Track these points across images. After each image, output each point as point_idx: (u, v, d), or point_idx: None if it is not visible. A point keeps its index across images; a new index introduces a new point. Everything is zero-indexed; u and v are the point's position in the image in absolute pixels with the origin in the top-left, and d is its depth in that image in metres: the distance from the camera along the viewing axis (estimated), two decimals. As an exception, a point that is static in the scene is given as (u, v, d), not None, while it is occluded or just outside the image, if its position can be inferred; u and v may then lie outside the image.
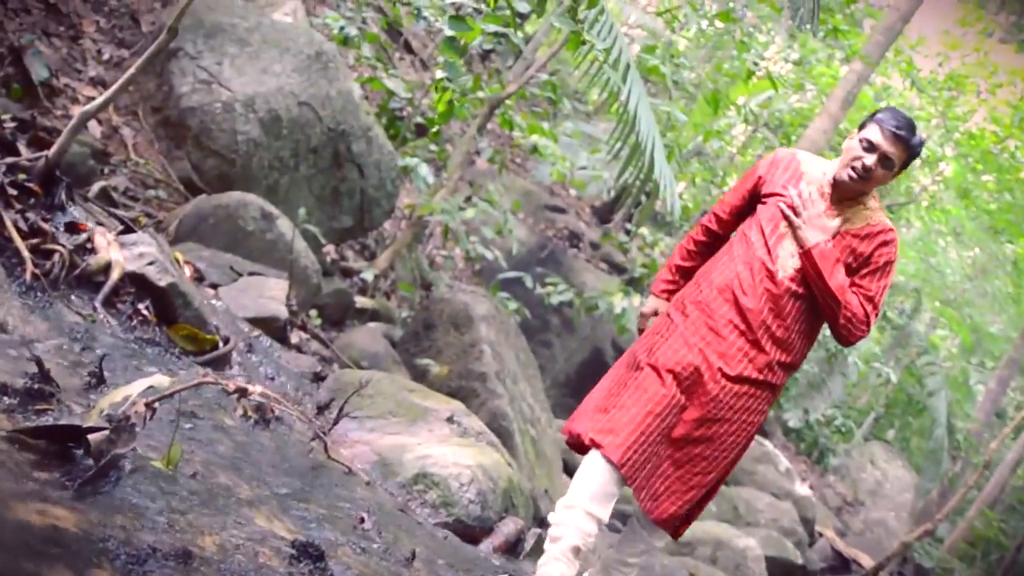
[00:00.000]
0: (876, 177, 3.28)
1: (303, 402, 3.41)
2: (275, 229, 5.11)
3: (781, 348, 3.32)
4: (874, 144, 3.26)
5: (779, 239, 3.36)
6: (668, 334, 3.33)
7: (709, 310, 3.32)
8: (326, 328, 5.83)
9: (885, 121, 3.28)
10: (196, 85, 5.44)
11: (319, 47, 5.90)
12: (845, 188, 3.33)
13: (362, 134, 6.01)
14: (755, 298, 3.30)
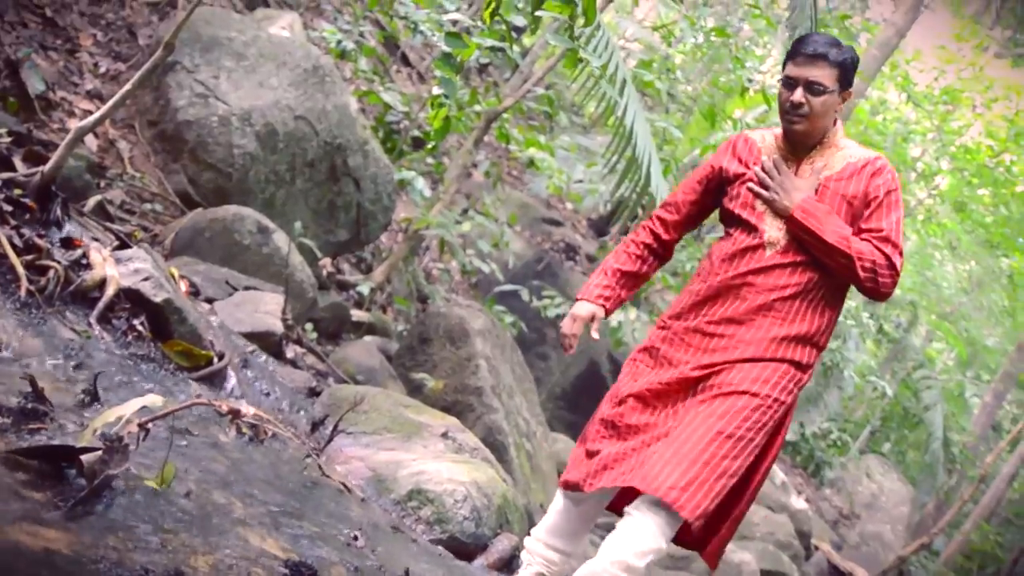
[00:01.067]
0: (814, 109, 3.02)
1: (298, 418, 3.41)
2: (271, 243, 5.11)
3: (789, 322, 3.02)
4: (792, 78, 3.02)
5: (759, 217, 3.09)
6: (654, 363, 3.11)
7: (695, 314, 3.08)
8: (322, 342, 5.83)
9: (794, 50, 3.07)
10: (193, 99, 5.44)
11: (316, 61, 5.90)
12: (794, 137, 3.09)
13: (358, 148, 6.02)
14: (749, 284, 3.03)
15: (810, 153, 3.13)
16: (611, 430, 3.07)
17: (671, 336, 3.12)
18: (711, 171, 3.28)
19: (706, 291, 3.12)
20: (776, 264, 3.04)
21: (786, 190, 3.05)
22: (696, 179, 3.33)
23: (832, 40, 3.08)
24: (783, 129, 3.14)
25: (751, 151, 3.20)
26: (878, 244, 2.99)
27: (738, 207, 3.12)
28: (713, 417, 2.91)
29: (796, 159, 3.14)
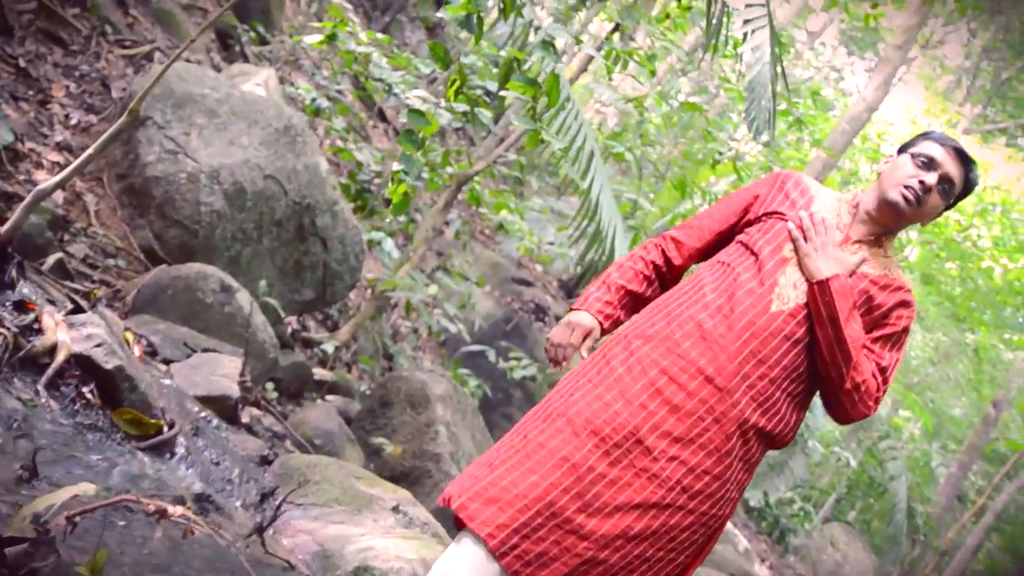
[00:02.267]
0: (929, 206, 2.70)
1: (248, 488, 3.37)
2: (234, 302, 5.09)
3: (762, 409, 2.58)
4: (935, 161, 2.68)
5: (779, 264, 2.70)
6: (599, 378, 2.62)
7: (665, 348, 2.61)
8: (283, 401, 5.79)
9: (943, 139, 2.73)
10: (162, 154, 5.44)
11: (288, 121, 5.93)
12: (889, 216, 2.73)
13: (327, 208, 6.03)
14: (734, 334, 2.58)
15: (863, 242, 2.80)
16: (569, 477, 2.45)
17: (647, 335, 2.69)
18: (752, 201, 2.92)
19: (686, 312, 2.69)
20: (780, 329, 2.62)
21: (828, 256, 2.68)
22: (734, 208, 2.96)
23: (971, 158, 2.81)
24: (888, 198, 2.73)
25: (802, 195, 2.86)
26: (875, 371, 2.70)
27: (761, 241, 2.75)
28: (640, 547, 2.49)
29: (847, 235, 2.80)
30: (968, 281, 15.42)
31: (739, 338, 2.60)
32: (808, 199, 2.83)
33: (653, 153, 11.95)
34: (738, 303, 2.65)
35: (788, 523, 16.43)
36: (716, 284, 2.73)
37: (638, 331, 2.72)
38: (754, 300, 2.64)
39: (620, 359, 2.66)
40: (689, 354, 2.60)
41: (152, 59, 6.84)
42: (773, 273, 2.69)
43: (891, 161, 2.85)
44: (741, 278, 2.70)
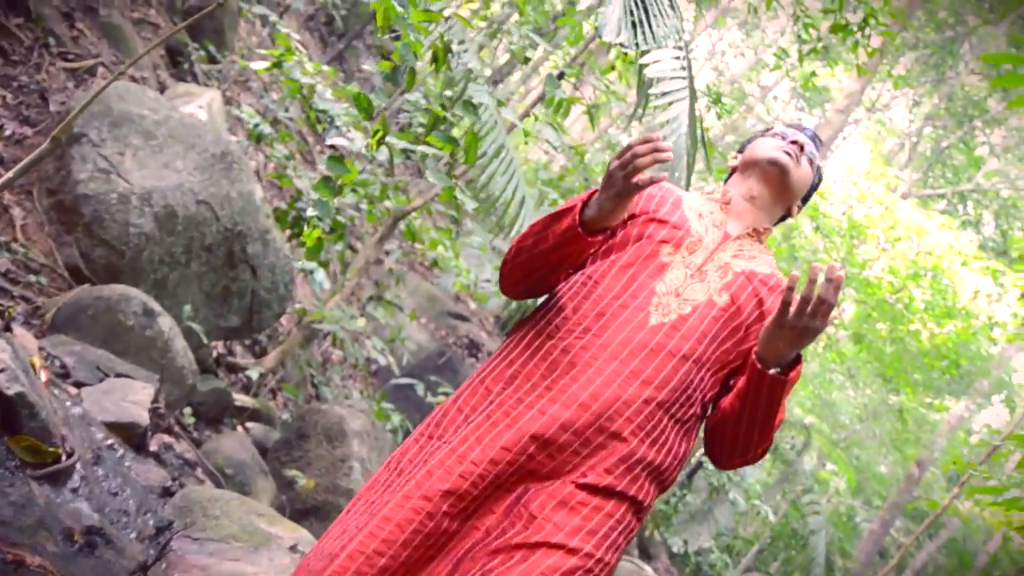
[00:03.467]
0: (804, 171, 2.58)
1: (145, 520, 3.37)
2: (155, 326, 5.08)
3: (649, 440, 2.28)
4: (790, 133, 2.62)
5: (656, 271, 2.41)
6: (454, 433, 2.34)
7: (530, 386, 2.31)
8: (200, 427, 5.77)
9: (778, 125, 2.70)
10: (95, 173, 5.43)
11: (225, 147, 5.94)
12: (775, 178, 2.55)
13: (259, 236, 6.04)
14: (609, 354, 2.29)
15: (743, 237, 2.56)
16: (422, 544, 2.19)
17: (510, 376, 2.39)
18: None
19: (552, 333, 2.39)
20: (663, 345, 2.32)
21: (811, 333, 2.23)
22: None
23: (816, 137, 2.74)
24: (772, 157, 2.56)
25: (668, 194, 2.59)
26: None
27: (632, 248, 2.45)
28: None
29: (726, 232, 2.55)
30: (898, 342, 15.72)
31: (615, 357, 2.29)
32: (675, 198, 2.58)
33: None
34: (610, 319, 2.34)
35: (711, 572, 16.53)
36: (578, 302, 2.40)
37: (496, 373, 2.42)
38: (629, 314, 2.34)
39: (479, 410, 2.35)
40: (557, 384, 2.29)
41: (95, 74, 6.82)
42: (649, 282, 2.39)
43: (746, 150, 2.71)
44: (611, 292, 2.39)
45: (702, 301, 2.42)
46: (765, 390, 2.31)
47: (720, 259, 2.51)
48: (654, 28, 3.36)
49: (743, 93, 24.85)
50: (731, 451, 2.46)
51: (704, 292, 2.44)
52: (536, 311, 2.52)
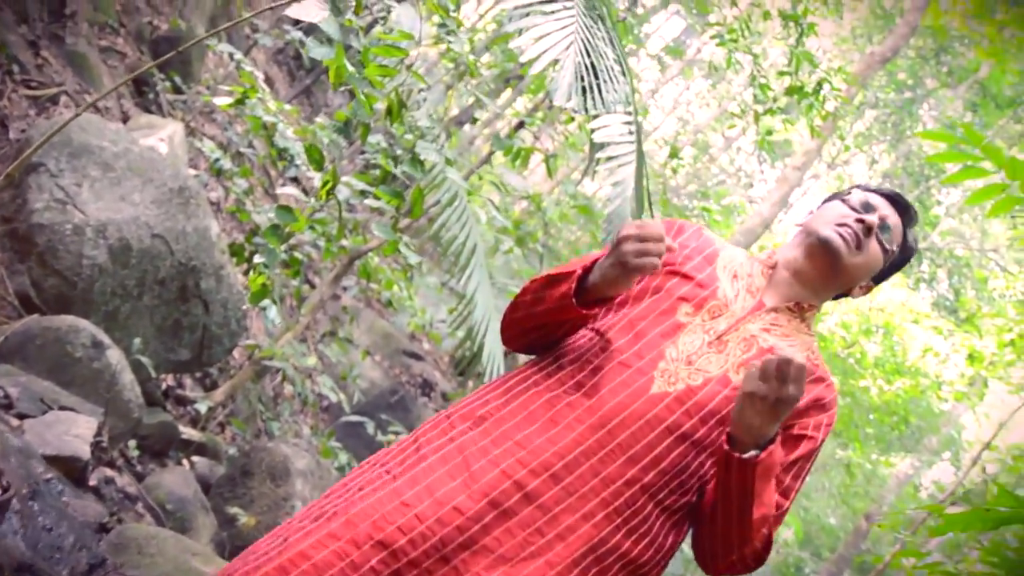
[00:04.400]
0: (869, 255, 2.23)
1: (79, 557, 3.39)
2: (104, 358, 5.09)
3: (628, 527, 1.97)
4: (871, 205, 2.27)
5: (670, 331, 2.11)
6: (402, 469, 2.03)
7: (499, 434, 2.02)
8: (144, 460, 5.77)
9: (878, 188, 2.33)
10: (51, 203, 5.45)
11: (183, 182, 5.99)
12: (821, 260, 2.21)
13: (213, 272, 6.08)
14: (597, 419, 2.00)
15: (781, 310, 2.24)
16: None
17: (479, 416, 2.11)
18: None
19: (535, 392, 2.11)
20: (662, 419, 2.03)
21: (785, 404, 1.90)
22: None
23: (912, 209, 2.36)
24: (807, 242, 2.24)
25: (704, 246, 2.29)
26: (769, 524, 2.04)
27: (648, 301, 2.17)
28: None
29: (761, 300, 2.23)
30: (848, 396, 15.93)
31: (603, 425, 1.98)
32: (711, 251, 2.27)
33: (559, 239, 12.19)
34: (606, 378, 2.04)
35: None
36: (578, 353, 2.13)
37: (465, 410, 2.13)
38: (629, 376, 2.03)
39: (435, 445, 2.04)
40: (531, 442, 1.98)
41: (58, 102, 6.86)
42: (659, 343, 2.09)
43: (815, 212, 2.36)
44: (614, 346, 2.09)
45: (716, 375, 2.09)
46: (735, 474, 1.96)
47: (746, 330, 2.18)
48: (604, 94, 3.46)
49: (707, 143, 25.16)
50: (710, 551, 2.09)
51: (720, 365, 2.11)
52: (537, 358, 2.27)
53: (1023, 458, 11.61)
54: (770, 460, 1.96)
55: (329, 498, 2.08)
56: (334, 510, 2.00)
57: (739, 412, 1.96)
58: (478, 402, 2.15)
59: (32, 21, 7.14)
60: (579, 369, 2.11)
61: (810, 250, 2.25)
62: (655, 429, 2.01)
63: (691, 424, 2.04)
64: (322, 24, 2.80)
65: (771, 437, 1.97)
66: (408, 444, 2.13)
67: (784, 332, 2.21)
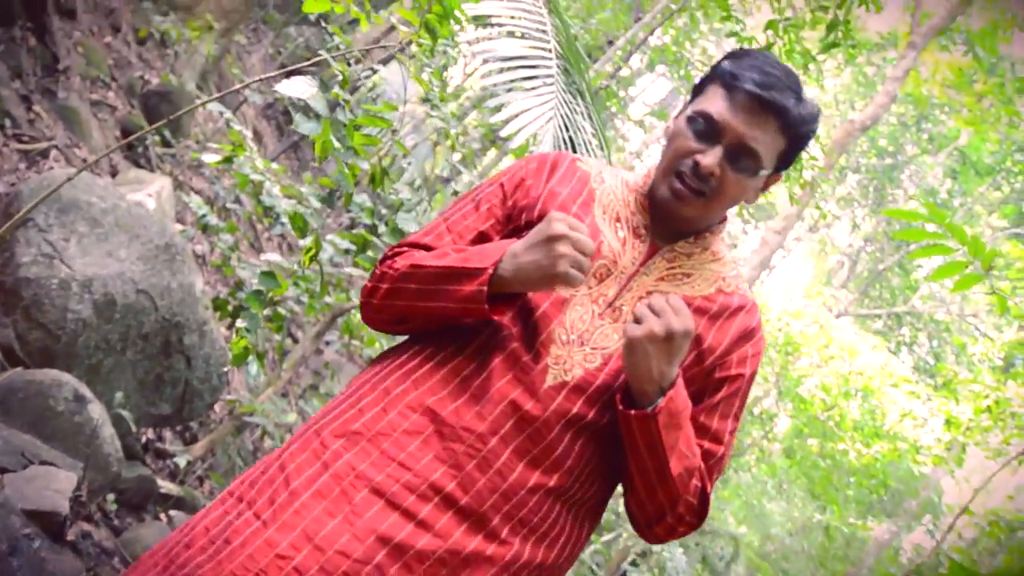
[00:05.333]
0: (727, 189, 1.90)
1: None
2: (85, 412, 5.14)
3: (536, 535, 1.79)
4: (716, 124, 1.87)
5: (556, 307, 1.86)
6: (265, 501, 1.76)
7: (379, 453, 1.76)
8: (123, 514, 5.79)
9: (741, 75, 1.86)
10: (38, 257, 5.52)
11: (169, 239, 6.07)
12: (672, 217, 1.95)
13: (196, 327, 6.14)
14: (488, 426, 1.77)
15: (675, 240, 1.98)
16: None
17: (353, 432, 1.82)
18: (515, 192, 2.02)
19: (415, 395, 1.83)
20: (558, 414, 1.82)
21: (673, 348, 1.72)
22: (486, 205, 2.04)
23: (796, 82, 1.90)
24: (657, 195, 1.96)
25: (580, 185, 2.00)
26: (702, 468, 1.86)
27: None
28: None
29: (652, 242, 1.96)
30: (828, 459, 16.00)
31: (495, 432, 1.76)
32: (588, 193, 1.99)
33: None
34: (495, 375, 1.81)
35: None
36: (460, 343, 1.88)
37: (337, 424, 1.84)
38: (519, 370, 1.81)
39: (307, 476, 1.76)
40: (417, 461, 1.74)
41: (48, 156, 6.96)
42: (547, 323, 1.84)
43: (675, 120, 2.00)
44: (500, 334, 1.85)
45: (615, 350, 1.87)
46: (638, 433, 1.76)
47: (641, 286, 1.93)
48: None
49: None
50: (643, 519, 1.91)
51: (617, 338, 1.87)
52: (400, 349, 2.01)
53: (998, 524, 11.69)
54: (673, 407, 1.75)
55: (189, 549, 1.76)
56: (185, 561, 1.72)
57: (629, 363, 1.75)
58: (352, 411, 1.86)
59: (25, 75, 7.26)
60: (463, 363, 1.85)
61: (656, 204, 1.99)
62: (554, 428, 1.79)
63: (595, 413, 1.82)
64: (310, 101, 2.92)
65: (671, 381, 1.76)
66: (274, 470, 1.81)
67: (685, 272, 1.95)
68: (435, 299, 1.86)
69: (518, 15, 3.69)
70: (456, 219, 2.05)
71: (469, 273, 1.82)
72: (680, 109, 2.05)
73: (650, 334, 1.71)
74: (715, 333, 1.93)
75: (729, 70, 1.91)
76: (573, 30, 11.56)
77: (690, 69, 15.18)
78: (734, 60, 1.95)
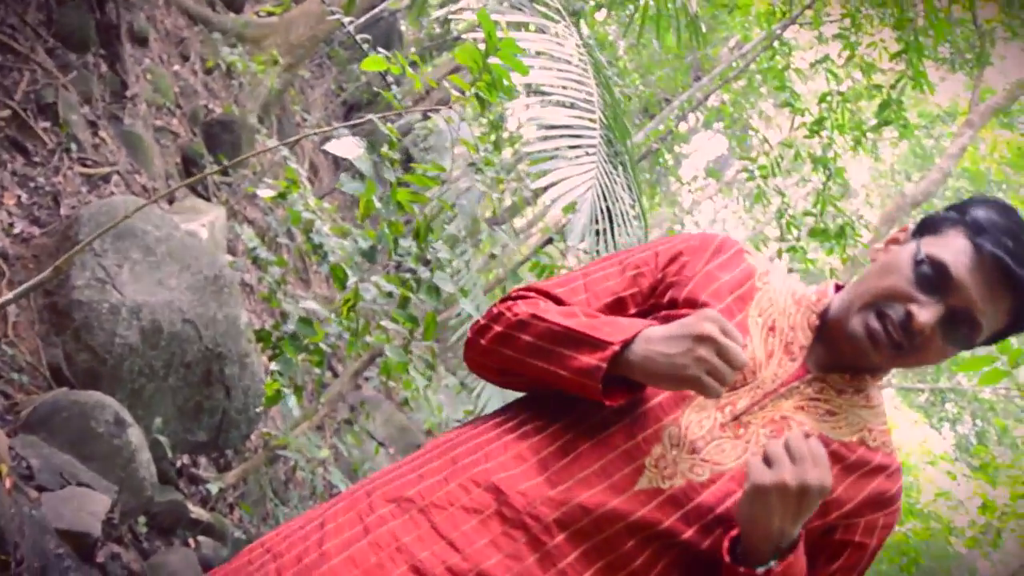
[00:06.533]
0: (927, 353, 1.64)
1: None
2: (124, 436, 5.28)
3: None
4: (949, 278, 1.59)
5: (675, 403, 1.62)
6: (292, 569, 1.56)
7: (428, 527, 1.55)
8: (152, 537, 5.92)
9: (993, 234, 1.57)
10: (91, 281, 5.70)
11: (219, 271, 6.24)
12: (849, 352, 1.69)
13: (238, 359, 6.29)
14: (559, 516, 1.53)
15: (830, 371, 1.72)
16: None
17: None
18: (653, 275, 1.79)
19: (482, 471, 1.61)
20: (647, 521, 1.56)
21: (805, 504, 1.47)
22: (633, 271, 1.81)
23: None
24: (846, 326, 1.67)
25: (740, 283, 1.76)
26: None
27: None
28: None
29: (804, 364, 1.71)
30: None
31: (565, 526, 1.53)
32: (747, 289, 1.76)
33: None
34: (582, 460, 1.57)
35: None
36: (545, 421, 1.65)
37: (390, 488, 1.64)
38: (610, 461, 1.57)
39: (344, 535, 1.57)
40: (470, 543, 1.51)
41: (109, 181, 7.17)
42: (659, 418, 1.61)
43: (893, 247, 1.75)
44: (596, 417, 1.61)
45: (729, 470, 1.62)
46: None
47: (776, 408, 1.68)
48: (616, 237, 3.68)
49: (740, 263, 25.35)
50: None
51: (736, 456, 1.62)
52: (497, 411, 1.80)
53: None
54: (789, 573, 1.52)
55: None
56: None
57: (748, 512, 1.51)
58: (411, 475, 1.65)
59: (95, 101, 7.50)
60: (547, 440, 1.61)
61: (838, 334, 1.71)
62: (635, 537, 1.55)
63: (690, 534, 1.57)
64: (356, 161, 3.05)
65: (793, 542, 1.52)
66: (312, 526, 1.64)
67: (829, 408, 1.69)
68: (548, 360, 1.63)
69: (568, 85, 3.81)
70: (597, 277, 1.82)
71: (593, 343, 1.57)
72: (891, 237, 1.79)
73: (781, 484, 1.45)
74: (847, 487, 1.65)
75: (979, 221, 1.62)
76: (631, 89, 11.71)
77: (747, 132, 15.27)
78: (986, 209, 1.64)
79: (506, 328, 1.74)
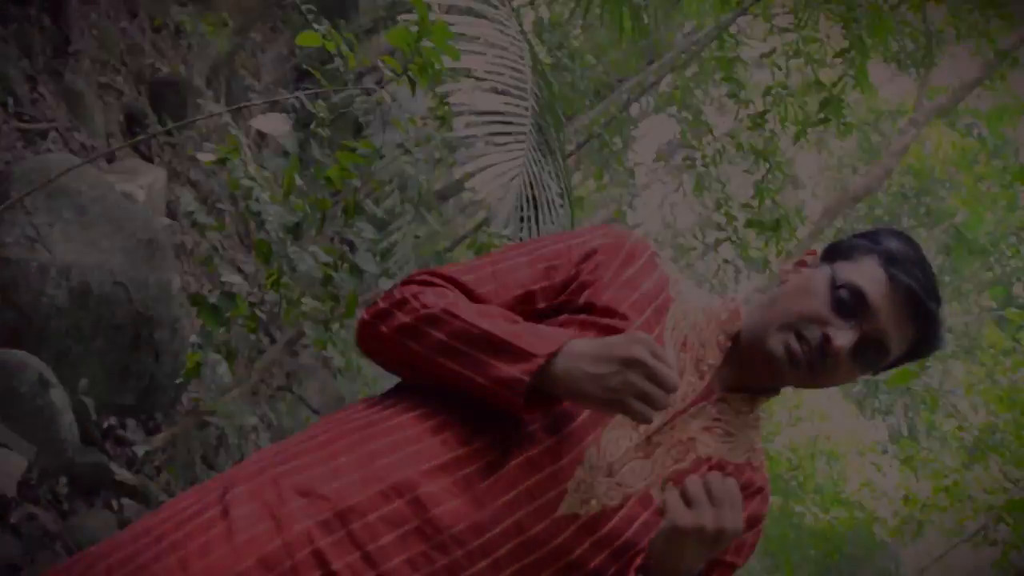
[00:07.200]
0: (837, 374, 1.70)
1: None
2: (47, 396, 5.24)
3: None
4: (865, 303, 1.65)
5: (594, 425, 1.59)
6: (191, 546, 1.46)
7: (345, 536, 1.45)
8: (74, 498, 5.88)
9: (906, 267, 1.65)
10: (20, 239, 5.64)
11: (153, 235, 6.19)
12: (764, 370, 1.72)
13: (168, 324, 6.26)
14: (481, 545, 1.48)
15: (734, 391, 1.74)
16: None
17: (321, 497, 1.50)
18: (566, 270, 1.73)
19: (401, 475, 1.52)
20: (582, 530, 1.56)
21: (717, 538, 1.45)
22: (544, 264, 1.74)
23: (935, 283, 1.70)
24: (764, 345, 1.69)
25: (658, 289, 1.73)
26: None
27: None
28: None
29: (710, 384, 1.70)
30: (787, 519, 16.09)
31: (488, 553, 1.47)
32: (663, 300, 1.72)
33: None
34: (505, 482, 1.52)
35: None
36: (469, 430, 1.57)
37: (301, 478, 1.52)
38: (537, 484, 1.53)
39: (254, 529, 1.46)
40: (387, 559, 1.46)
41: (46, 137, 7.07)
42: (582, 438, 1.58)
43: (804, 270, 1.79)
44: (523, 431, 1.56)
45: (636, 493, 1.61)
46: None
47: (684, 429, 1.67)
48: (541, 224, 3.72)
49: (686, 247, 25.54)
50: None
51: (644, 477, 1.62)
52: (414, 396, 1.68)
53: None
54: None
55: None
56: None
57: (662, 548, 1.51)
58: (321, 467, 1.54)
59: (35, 56, 7.39)
60: (474, 457, 1.54)
61: (754, 352, 1.72)
62: (553, 564, 1.54)
63: (597, 561, 1.56)
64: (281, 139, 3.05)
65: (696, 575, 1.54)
66: (213, 513, 1.50)
67: (727, 428, 1.71)
68: (461, 363, 1.56)
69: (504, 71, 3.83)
70: (505, 268, 1.75)
71: (514, 352, 1.51)
72: (799, 259, 1.84)
73: (699, 529, 1.44)
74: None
75: (892, 252, 1.69)
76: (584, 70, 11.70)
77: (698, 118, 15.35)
78: (897, 241, 1.73)
79: (414, 320, 1.65)
